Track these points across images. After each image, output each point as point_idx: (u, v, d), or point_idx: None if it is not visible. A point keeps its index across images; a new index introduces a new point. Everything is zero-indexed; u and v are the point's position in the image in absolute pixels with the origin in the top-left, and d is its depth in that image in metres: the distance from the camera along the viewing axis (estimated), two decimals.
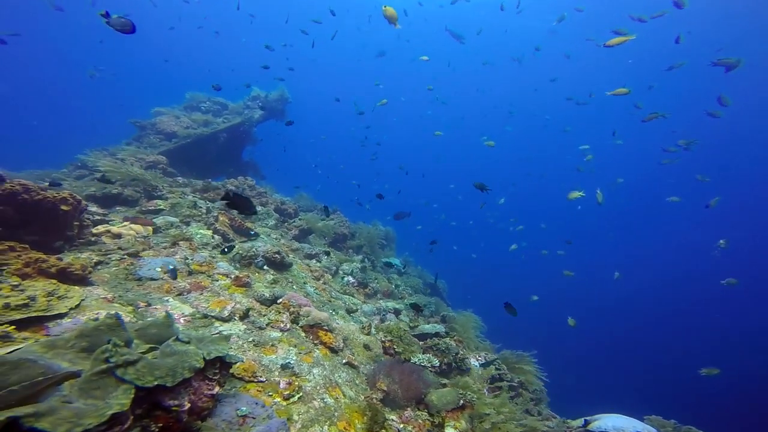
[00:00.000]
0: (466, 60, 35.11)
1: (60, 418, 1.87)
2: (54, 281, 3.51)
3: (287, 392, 3.41)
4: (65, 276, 3.82)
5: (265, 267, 6.12)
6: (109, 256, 4.96)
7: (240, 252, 5.98)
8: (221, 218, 7.05)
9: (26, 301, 2.98)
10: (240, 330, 4.17)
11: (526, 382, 6.20)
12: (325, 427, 3.24)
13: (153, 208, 7.32)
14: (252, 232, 7.16)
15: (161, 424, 2.23)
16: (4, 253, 3.88)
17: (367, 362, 4.88)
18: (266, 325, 4.44)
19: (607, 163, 38.33)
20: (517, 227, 18.91)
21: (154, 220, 6.81)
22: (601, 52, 26.29)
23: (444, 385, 4.74)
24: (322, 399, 3.58)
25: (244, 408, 2.77)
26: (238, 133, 13.36)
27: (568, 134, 26.94)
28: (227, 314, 4.28)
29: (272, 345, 4.08)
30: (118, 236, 5.72)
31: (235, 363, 2.90)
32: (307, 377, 3.76)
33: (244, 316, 4.44)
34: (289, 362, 3.83)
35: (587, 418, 4.93)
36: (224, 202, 3.67)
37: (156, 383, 2.15)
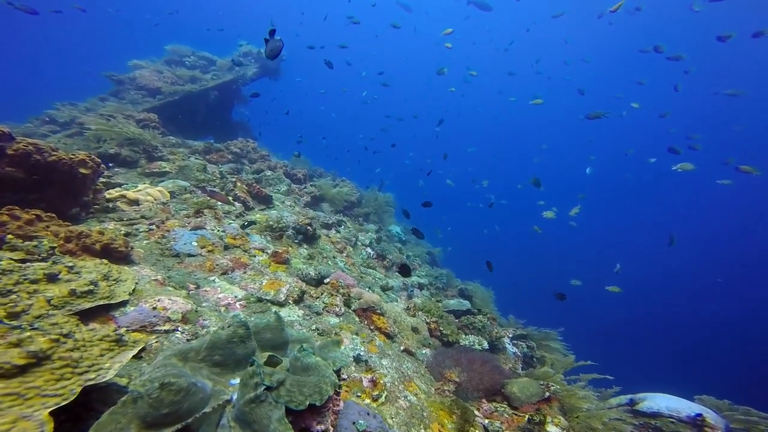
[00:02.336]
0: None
1: None
2: (105, 261, 3.06)
3: (375, 392, 3.18)
4: (109, 253, 3.36)
5: (297, 240, 5.75)
6: (135, 226, 4.46)
7: (270, 223, 5.56)
8: (239, 184, 6.53)
9: (91, 287, 2.56)
10: (298, 316, 3.87)
11: (554, 360, 6.27)
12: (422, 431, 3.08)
13: (157, 170, 6.70)
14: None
15: None
16: (32, 224, 3.35)
17: (418, 347, 4.71)
18: (322, 309, 4.16)
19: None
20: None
21: (161, 183, 6.24)
22: None
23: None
24: (405, 397, 3.38)
25: (362, 421, 2.53)
26: (229, 92, 12.42)
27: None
28: (283, 298, 3.96)
29: (336, 333, 3.82)
30: (135, 202, 5.17)
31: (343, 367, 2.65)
32: (381, 371, 3.55)
33: (299, 299, 4.12)
34: (359, 354, 3.59)
35: (632, 397, 4.89)
36: None
37: (308, 403, 1.88)
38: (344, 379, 3.18)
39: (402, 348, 4.34)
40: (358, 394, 3.11)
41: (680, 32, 31.03)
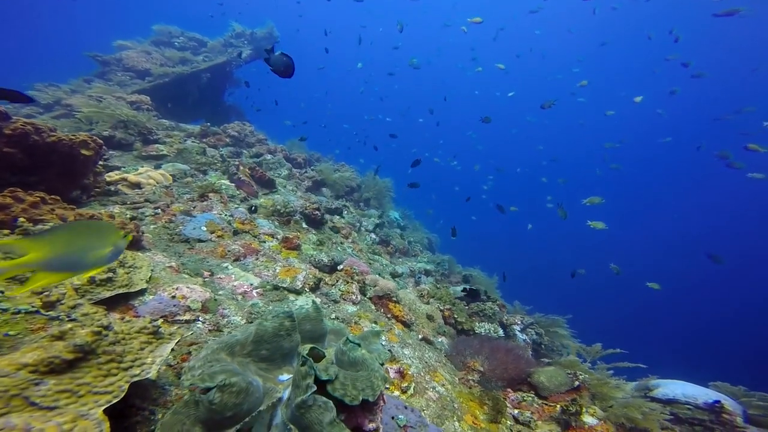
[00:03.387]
0: None
1: None
2: None
3: (404, 384, 3.09)
4: None
5: (305, 225, 5.59)
6: (140, 210, 4.24)
7: (277, 207, 5.39)
8: (242, 168, 6.30)
9: (109, 274, 2.39)
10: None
11: (562, 346, 6.29)
12: (456, 424, 3.00)
13: (155, 153, 6.43)
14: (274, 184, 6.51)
15: None
16: (36, 207, 3.14)
17: (434, 335, 4.64)
18: (339, 297, 4.04)
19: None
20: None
21: (161, 166, 5.99)
22: None
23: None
24: (434, 388, 3.29)
25: (402, 416, 2.44)
26: (221, 74, 11.99)
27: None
28: (300, 285, 3.82)
29: (355, 322, 3.71)
30: (137, 185, 4.94)
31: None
32: (405, 361, 3.46)
33: (315, 287, 4.00)
34: (381, 344, 3.51)
35: (646, 383, 4.88)
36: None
37: (361, 398, 1.77)
38: None
39: (420, 337, 4.27)
40: (387, 386, 3.02)
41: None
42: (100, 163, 5.19)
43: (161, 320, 2.61)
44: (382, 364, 2.46)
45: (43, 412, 1.34)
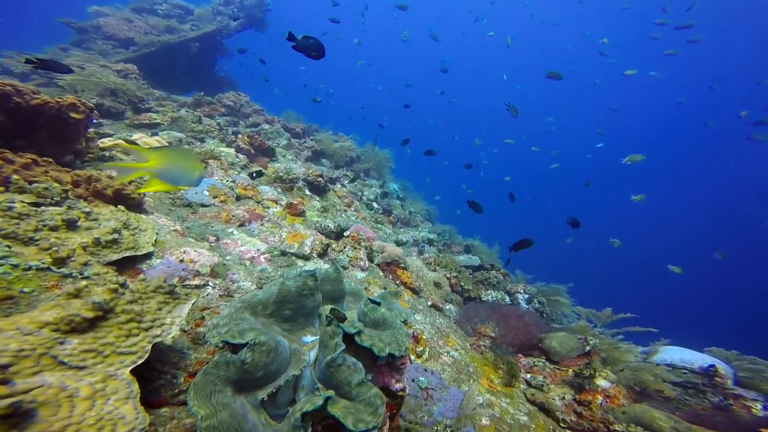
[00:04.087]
0: None
1: (343, 407, 1.40)
2: (122, 208, 2.71)
3: (419, 348, 3.04)
4: (122, 200, 3.00)
5: (307, 192, 5.42)
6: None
7: (279, 174, 5.20)
8: (240, 136, 6.06)
9: (115, 236, 2.23)
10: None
11: (563, 315, 6.29)
12: (474, 386, 2.96)
13: (148, 121, 6.15)
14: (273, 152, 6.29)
15: (388, 413, 1.80)
16: (28, 168, 2.93)
17: (442, 302, 4.57)
18: (348, 263, 3.93)
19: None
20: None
21: (155, 135, 5.72)
22: None
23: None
24: (448, 353, 3.25)
25: (423, 378, 2.37)
26: (211, 44, 11.45)
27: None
28: (308, 251, 3.70)
29: (365, 288, 3.62)
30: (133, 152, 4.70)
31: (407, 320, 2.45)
32: (418, 327, 3.40)
33: (323, 253, 3.88)
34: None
35: (645, 349, 4.94)
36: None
37: (388, 351, 1.67)
38: None
39: (429, 303, 4.20)
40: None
41: None
42: (91, 129, 4.94)
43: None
44: (405, 322, 2.36)
45: (73, 372, 1.27)
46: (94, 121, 4.18)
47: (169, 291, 1.71)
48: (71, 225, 2.17)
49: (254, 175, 4.98)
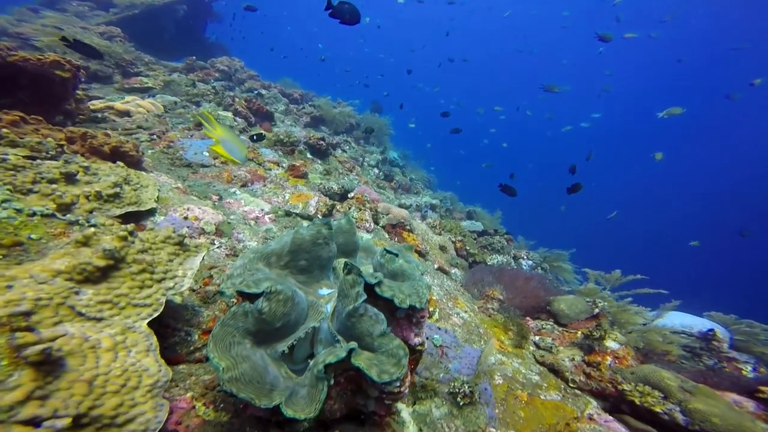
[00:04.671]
0: None
1: (366, 359, 1.35)
2: (121, 164, 2.57)
3: (429, 309, 3.00)
4: (120, 157, 2.86)
5: (309, 155, 5.28)
6: (134, 136, 3.88)
7: (280, 137, 5.04)
8: (237, 99, 5.84)
9: (116, 190, 2.11)
10: None
11: (565, 280, 6.29)
12: (492, 341, 2.93)
13: (138, 85, 5.90)
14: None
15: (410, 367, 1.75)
16: (17, 125, 2.77)
17: (448, 266, 4.53)
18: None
19: None
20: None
21: (148, 99, 5.50)
22: None
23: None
24: (458, 314, 3.20)
25: (437, 336, 2.32)
26: (200, 7, 10.91)
27: None
28: (313, 211, 3.60)
29: None
30: (126, 114, 4.51)
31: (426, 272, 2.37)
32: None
33: (329, 213, 3.78)
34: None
35: (652, 313, 4.93)
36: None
37: (408, 303, 1.59)
38: None
39: (436, 266, 4.15)
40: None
41: None
42: (80, 90, 4.71)
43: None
44: (423, 274, 2.29)
45: (92, 323, 1.22)
46: (82, 80, 3.96)
47: (179, 242, 1.62)
48: (70, 178, 2.05)
49: (255, 137, 4.82)
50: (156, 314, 1.33)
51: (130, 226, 1.48)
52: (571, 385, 3.17)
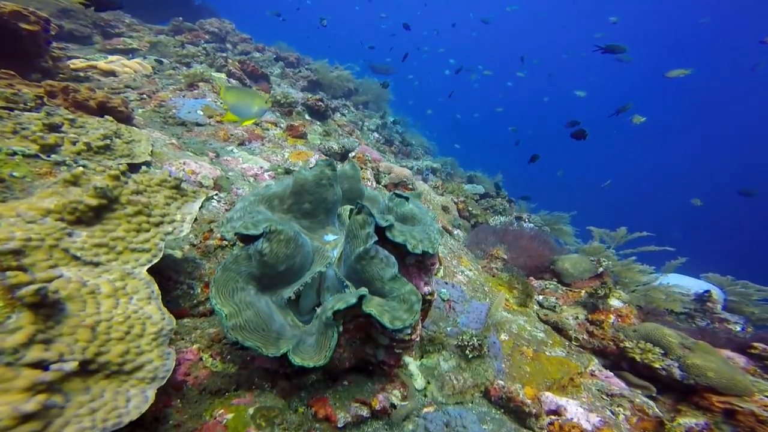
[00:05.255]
0: None
1: (378, 305, 1.29)
2: (110, 119, 2.45)
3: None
4: (108, 113, 2.72)
5: (308, 116, 5.12)
6: (122, 94, 3.71)
7: (277, 98, 4.87)
8: (231, 61, 5.61)
9: (107, 142, 2.00)
10: None
11: (566, 244, 6.25)
12: (502, 293, 2.91)
13: (122, 47, 5.62)
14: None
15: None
16: None
17: (451, 227, 4.47)
18: None
19: None
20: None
21: (134, 60, 5.25)
22: None
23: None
24: (462, 272, 3.16)
25: (444, 290, 2.26)
26: None
27: None
28: None
29: None
30: (111, 74, 4.31)
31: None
32: None
33: None
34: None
35: (656, 274, 4.91)
36: None
37: (421, 249, 1.51)
38: None
39: (439, 226, 4.09)
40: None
41: None
42: (58, 49, 4.44)
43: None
44: (433, 219, 2.22)
45: (89, 267, 1.16)
46: (51, 32, 3.70)
47: (175, 185, 1.53)
48: (54, 130, 1.93)
49: None
50: (155, 260, 1.26)
51: (123, 166, 1.38)
52: (574, 343, 3.18)
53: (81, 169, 1.28)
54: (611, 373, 2.88)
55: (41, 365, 0.90)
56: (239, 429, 1.30)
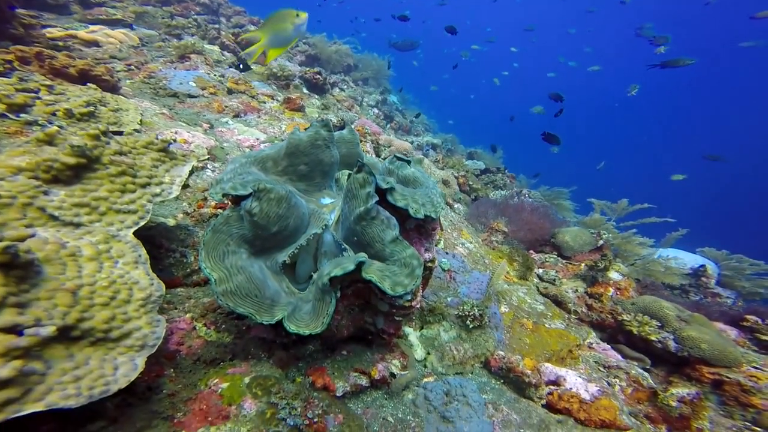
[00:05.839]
0: None
1: (378, 270, 1.22)
2: (94, 86, 2.34)
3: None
4: (90, 81, 2.60)
5: (305, 90, 4.98)
6: (107, 65, 3.56)
7: (273, 70, 4.72)
8: (224, 33, 5.42)
9: (90, 108, 1.90)
10: None
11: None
12: (504, 263, 2.87)
13: (105, 17, 5.37)
14: None
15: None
16: None
17: (452, 201, 4.40)
18: None
19: None
20: None
21: (120, 31, 5.05)
22: None
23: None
24: (462, 245, 3.10)
25: (445, 260, 2.20)
26: None
27: None
28: None
29: None
30: (95, 44, 4.14)
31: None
32: None
33: None
34: None
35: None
36: None
37: (423, 213, 1.44)
38: None
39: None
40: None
41: None
42: (28, 14, 4.22)
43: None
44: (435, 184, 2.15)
45: (69, 228, 1.09)
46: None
47: (162, 148, 1.45)
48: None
49: (241, 66, 4.49)
50: (143, 222, 1.19)
51: (103, 126, 1.29)
52: (573, 316, 3.17)
53: (55, 128, 1.20)
54: (608, 346, 2.89)
55: (15, 330, 0.85)
56: (235, 398, 1.26)
